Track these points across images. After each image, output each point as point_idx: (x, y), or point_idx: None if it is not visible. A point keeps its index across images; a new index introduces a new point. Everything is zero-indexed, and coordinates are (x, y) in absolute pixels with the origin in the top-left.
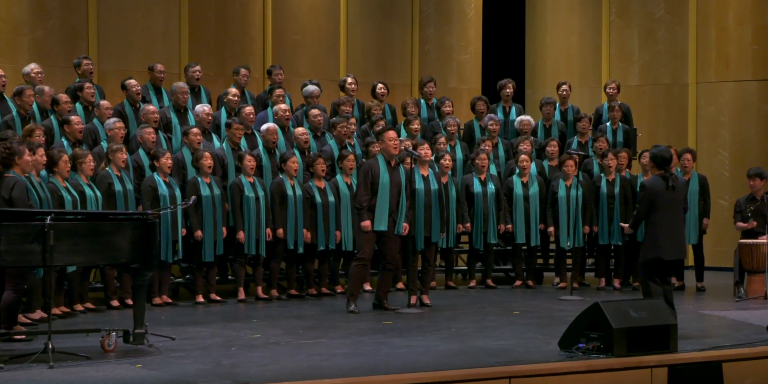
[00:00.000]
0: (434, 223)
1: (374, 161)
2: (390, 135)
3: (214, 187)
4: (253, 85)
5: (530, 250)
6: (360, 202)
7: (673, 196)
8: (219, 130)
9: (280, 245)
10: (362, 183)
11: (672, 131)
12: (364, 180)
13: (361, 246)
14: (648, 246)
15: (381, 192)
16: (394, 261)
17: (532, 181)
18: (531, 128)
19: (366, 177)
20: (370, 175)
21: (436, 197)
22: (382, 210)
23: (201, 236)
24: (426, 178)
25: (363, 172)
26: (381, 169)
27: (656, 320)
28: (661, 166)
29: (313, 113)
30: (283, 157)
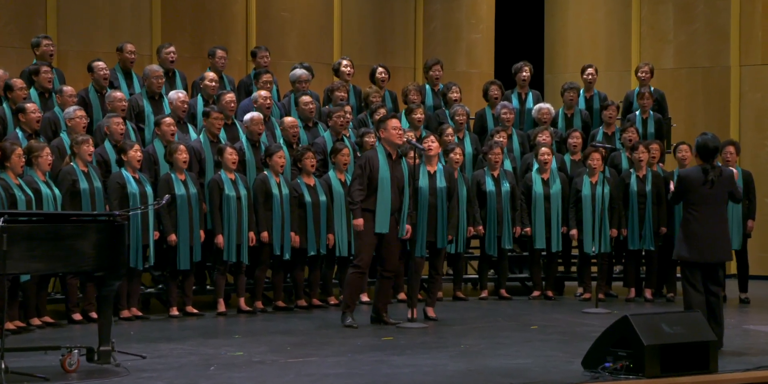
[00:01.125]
0: (440, 227)
1: (373, 153)
2: (393, 123)
3: (190, 184)
4: (234, 68)
5: (550, 257)
6: (353, 197)
7: (711, 192)
8: (195, 120)
9: (265, 251)
10: (357, 176)
11: (712, 121)
12: (361, 173)
13: (359, 251)
14: (677, 245)
15: (381, 189)
16: (394, 267)
17: (553, 177)
18: (551, 118)
19: (363, 170)
20: (368, 169)
21: (443, 197)
22: (384, 210)
23: (175, 241)
24: (432, 175)
25: (359, 165)
26: (381, 163)
27: (694, 336)
28: (705, 158)
29: (304, 100)
30: (269, 150)
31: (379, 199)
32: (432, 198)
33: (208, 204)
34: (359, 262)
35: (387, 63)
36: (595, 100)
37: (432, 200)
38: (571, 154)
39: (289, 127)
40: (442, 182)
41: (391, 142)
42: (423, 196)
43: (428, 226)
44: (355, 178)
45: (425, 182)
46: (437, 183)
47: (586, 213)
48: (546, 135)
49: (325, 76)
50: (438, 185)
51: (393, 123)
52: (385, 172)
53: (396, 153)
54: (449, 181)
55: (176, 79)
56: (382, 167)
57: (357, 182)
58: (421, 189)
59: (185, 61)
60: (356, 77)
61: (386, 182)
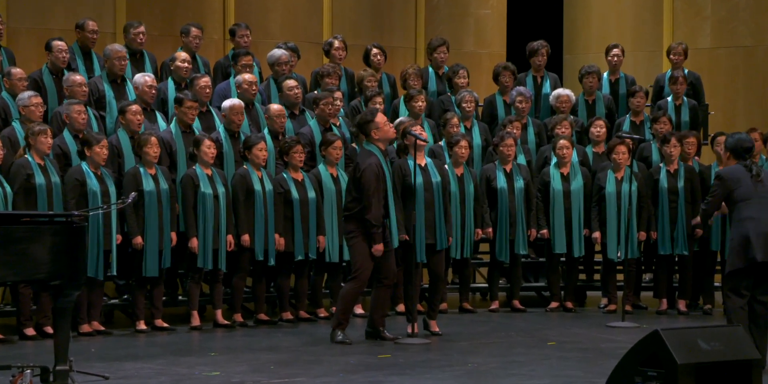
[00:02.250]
0: (439, 227)
1: (375, 159)
2: (382, 118)
3: (161, 180)
4: (211, 49)
5: (570, 263)
6: (376, 219)
7: (760, 186)
8: (165, 107)
9: (246, 256)
10: (374, 191)
11: (754, 107)
12: (376, 186)
13: (360, 263)
14: (735, 249)
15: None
16: (392, 275)
17: (574, 172)
18: (570, 105)
19: (378, 182)
20: (381, 178)
21: (439, 193)
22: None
23: (142, 244)
24: (424, 169)
25: (372, 175)
26: (385, 169)
27: (734, 354)
28: (742, 157)
29: (288, 85)
30: (248, 142)
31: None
32: (428, 194)
33: (180, 203)
34: (360, 277)
35: (384, 43)
36: (621, 85)
37: (428, 197)
38: (593, 146)
39: (276, 115)
40: (437, 176)
41: (387, 138)
42: (418, 193)
43: (426, 226)
44: (373, 194)
45: (420, 178)
46: (431, 177)
47: (610, 213)
48: (565, 125)
49: (313, 57)
50: (433, 179)
51: (382, 118)
52: (387, 175)
53: (385, 149)
54: (442, 176)
55: (144, 61)
56: (386, 170)
57: (375, 199)
58: (414, 185)
59: (154, 40)
60: (349, 59)
61: (390, 186)
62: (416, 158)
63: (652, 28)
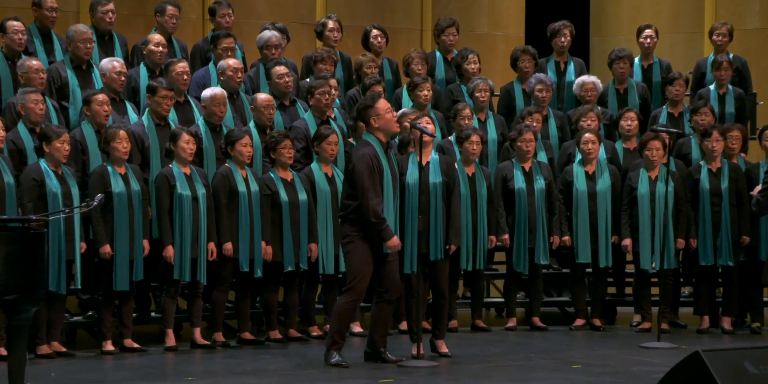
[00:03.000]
0: (434, 234)
1: (371, 149)
2: (385, 105)
3: (132, 180)
4: (188, 30)
5: (597, 274)
6: (377, 215)
7: None
8: (137, 97)
9: (228, 267)
10: (370, 185)
11: None
12: (372, 179)
13: (356, 272)
14: None
15: (387, 193)
16: (394, 288)
17: (601, 171)
18: (598, 94)
19: (373, 175)
20: (376, 171)
21: (437, 195)
22: (391, 221)
23: (110, 254)
24: (424, 168)
25: (367, 168)
26: (383, 163)
27: None
28: None
29: (278, 71)
30: (230, 136)
31: (386, 207)
32: (423, 196)
33: (154, 206)
34: (355, 289)
35: (385, 24)
36: (655, 71)
37: (424, 199)
38: (624, 142)
39: (264, 106)
40: (437, 176)
41: (388, 129)
42: (411, 195)
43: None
44: (368, 188)
45: (414, 177)
46: (431, 177)
47: (643, 218)
48: (591, 116)
49: (305, 40)
50: (431, 180)
51: (384, 105)
52: (387, 174)
53: (386, 143)
54: (448, 175)
55: (114, 44)
56: (386, 169)
57: (372, 193)
58: (409, 186)
59: (124, 20)
60: (345, 42)
61: (388, 185)
62: (421, 155)
63: (693, 5)
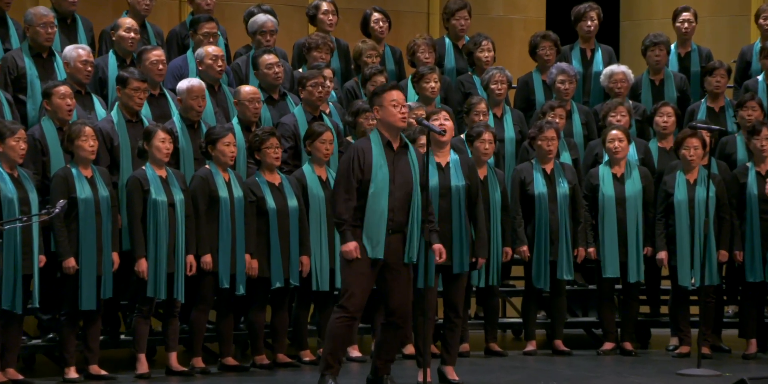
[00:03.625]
0: (458, 244)
1: (364, 143)
2: (393, 96)
3: (99, 184)
4: (163, 13)
5: (628, 291)
6: (339, 214)
7: None
8: (105, 90)
9: (208, 282)
10: (342, 179)
11: None
12: (346, 174)
13: (348, 286)
14: None
15: (376, 193)
16: (402, 309)
17: (630, 173)
18: (628, 86)
19: (349, 169)
20: (357, 166)
21: (461, 200)
22: (378, 224)
23: (75, 268)
24: (444, 169)
25: (345, 161)
26: (375, 155)
27: None
28: None
29: (267, 61)
30: (213, 134)
31: (370, 208)
32: (444, 202)
33: (125, 213)
34: (347, 303)
35: (387, 6)
36: (693, 60)
37: (444, 205)
38: (658, 140)
39: (249, 100)
40: (460, 179)
41: (390, 124)
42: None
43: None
44: (339, 183)
45: (434, 180)
46: (452, 180)
47: (681, 227)
48: (621, 111)
49: (296, 24)
50: (453, 183)
51: (392, 96)
52: (381, 168)
53: (399, 140)
54: (469, 178)
55: (77, 29)
56: (378, 162)
57: (342, 188)
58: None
59: (90, 2)
60: (342, 27)
61: (383, 184)
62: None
63: None
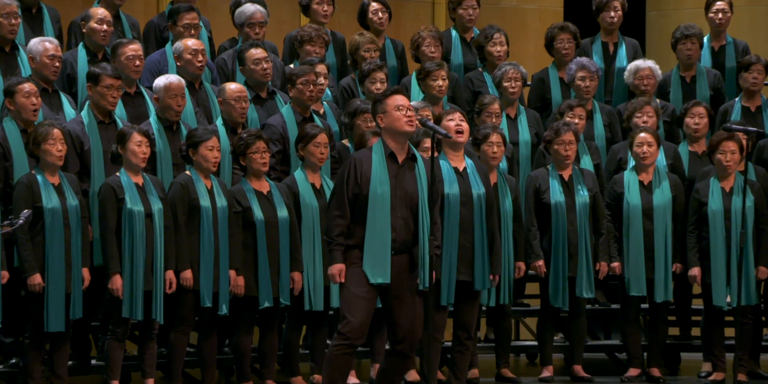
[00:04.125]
0: (479, 259)
1: (365, 154)
2: (396, 100)
3: (68, 192)
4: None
5: (656, 311)
6: (329, 231)
7: None
8: (74, 87)
9: (189, 301)
10: (335, 194)
11: None
12: (339, 189)
13: (347, 311)
14: None
15: (375, 210)
16: (408, 337)
17: (659, 180)
18: (656, 83)
19: (343, 183)
20: (353, 179)
21: (482, 209)
22: (379, 245)
23: (41, 286)
24: (462, 175)
25: (340, 174)
26: (375, 168)
27: None
28: None
29: (255, 56)
30: (194, 137)
31: (371, 227)
32: (466, 211)
33: (97, 225)
34: (347, 330)
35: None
36: (729, 55)
37: (466, 214)
38: (689, 144)
39: (235, 99)
40: (480, 186)
41: (396, 130)
42: (452, 208)
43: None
44: (332, 198)
45: (454, 187)
46: (473, 187)
47: (715, 240)
48: (648, 111)
49: (287, 15)
50: (474, 191)
51: (396, 100)
52: (381, 183)
53: (407, 152)
54: (486, 186)
55: (43, 20)
56: (378, 175)
57: (335, 205)
58: (449, 197)
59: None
60: (337, 18)
61: (383, 200)
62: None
63: None
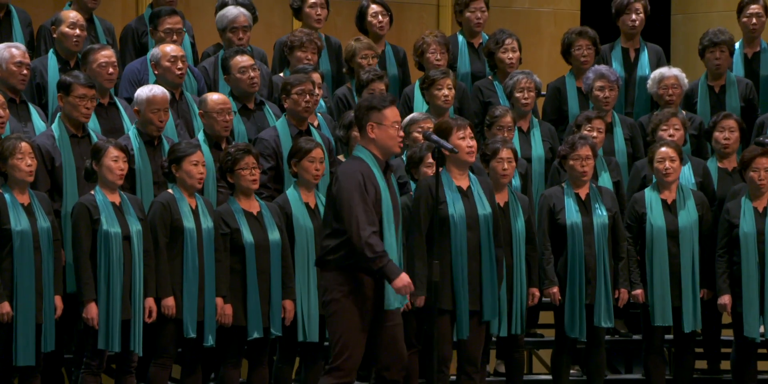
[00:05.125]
0: (488, 286)
1: (365, 167)
2: (395, 115)
3: (38, 213)
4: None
5: (682, 342)
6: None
7: None
8: (43, 97)
9: (170, 331)
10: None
11: None
12: (362, 200)
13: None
14: None
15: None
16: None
17: (684, 200)
18: (682, 93)
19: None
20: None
21: (489, 231)
22: None
23: (9, 315)
24: (467, 194)
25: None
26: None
27: None
28: None
29: (240, 63)
30: (178, 151)
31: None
32: (472, 234)
33: (70, 248)
34: (342, 363)
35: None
36: (763, 62)
37: (473, 238)
38: (719, 160)
39: (217, 111)
40: (486, 207)
41: (386, 148)
42: (458, 232)
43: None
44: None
45: (459, 207)
46: (479, 208)
47: (747, 265)
48: (674, 124)
49: (277, 19)
50: (480, 212)
51: (395, 115)
52: (387, 201)
53: (386, 162)
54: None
55: (11, 23)
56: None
57: (364, 215)
58: (453, 219)
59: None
60: (333, 21)
61: (390, 219)
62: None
63: None
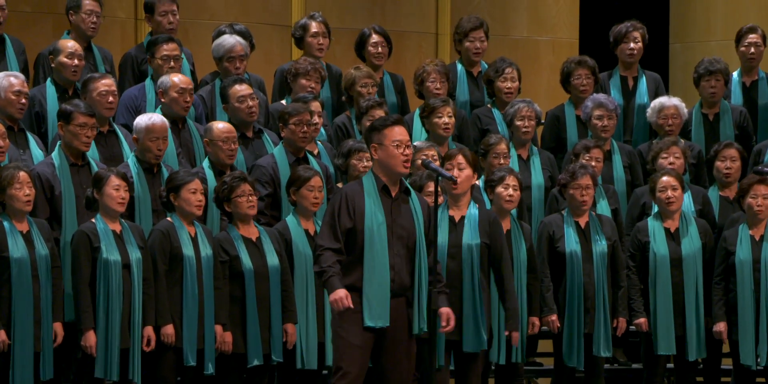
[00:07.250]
0: (469, 318)
1: (355, 187)
2: (396, 134)
3: (37, 241)
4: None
5: (684, 371)
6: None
7: None
8: (42, 126)
9: (169, 360)
10: (326, 226)
11: None
12: (331, 220)
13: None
14: None
15: (372, 247)
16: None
17: (686, 228)
18: (680, 122)
19: (334, 214)
20: (345, 212)
21: (473, 262)
22: (379, 284)
23: (7, 343)
24: (457, 224)
25: (331, 205)
26: (368, 203)
27: None
28: None
29: (239, 93)
30: (176, 179)
31: (368, 265)
32: (453, 263)
33: (69, 276)
34: (336, 381)
35: (389, 25)
36: (762, 91)
37: (453, 267)
38: (719, 188)
39: (223, 139)
40: (474, 237)
41: (390, 168)
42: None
43: None
44: (323, 229)
45: (443, 237)
46: (464, 237)
47: (743, 293)
48: (675, 153)
49: (275, 47)
50: (465, 241)
51: (395, 134)
52: (375, 217)
53: (399, 185)
54: (490, 236)
55: (6, 52)
56: (371, 210)
57: (326, 233)
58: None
59: (25, 19)
60: (333, 51)
61: (380, 235)
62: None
63: None
